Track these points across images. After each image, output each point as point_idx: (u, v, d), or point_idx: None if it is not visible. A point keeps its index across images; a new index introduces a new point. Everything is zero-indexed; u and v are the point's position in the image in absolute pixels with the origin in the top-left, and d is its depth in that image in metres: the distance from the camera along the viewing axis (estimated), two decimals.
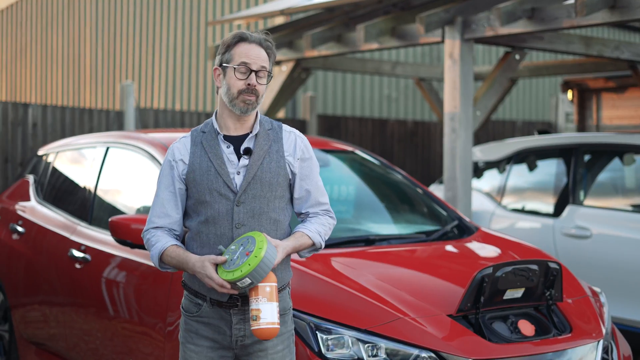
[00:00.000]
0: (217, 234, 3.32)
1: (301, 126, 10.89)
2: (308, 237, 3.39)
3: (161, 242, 3.37)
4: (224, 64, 3.34)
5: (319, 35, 8.23)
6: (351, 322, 3.93)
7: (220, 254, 3.24)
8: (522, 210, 7.58)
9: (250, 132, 3.39)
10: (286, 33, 8.88)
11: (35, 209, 6.22)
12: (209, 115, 10.19)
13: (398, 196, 5.87)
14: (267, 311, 3.14)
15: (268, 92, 9.30)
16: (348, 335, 3.89)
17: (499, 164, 7.91)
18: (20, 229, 6.19)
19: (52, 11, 16.95)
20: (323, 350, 3.86)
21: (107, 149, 5.72)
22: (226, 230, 3.31)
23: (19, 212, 6.36)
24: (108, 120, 9.31)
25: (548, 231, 7.13)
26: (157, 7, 14.26)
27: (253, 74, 3.29)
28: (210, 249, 3.34)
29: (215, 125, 3.39)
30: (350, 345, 3.88)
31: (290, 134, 3.46)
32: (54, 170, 6.37)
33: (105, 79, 15.40)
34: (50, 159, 6.50)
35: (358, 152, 5.99)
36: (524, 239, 7.19)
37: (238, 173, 3.33)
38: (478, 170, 8.13)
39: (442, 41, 7.35)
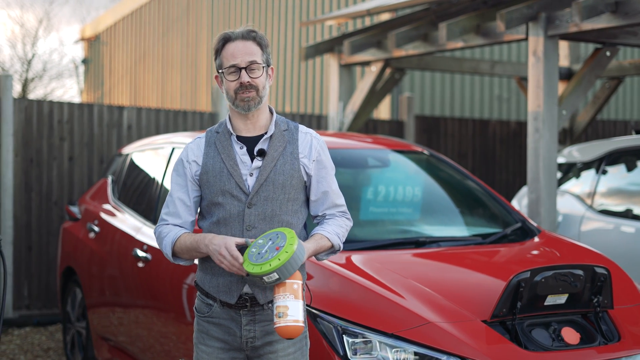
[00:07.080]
0: (227, 236, 3.29)
1: (399, 127, 10.76)
2: (327, 239, 3.34)
3: (173, 232, 3.36)
4: (219, 70, 3.33)
5: (404, 34, 8.10)
6: (379, 325, 3.82)
7: (247, 246, 3.19)
8: (613, 213, 7.23)
9: (265, 133, 3.35)
10: (374, 33, 8.78)
11: (109, 209, 6.35)
12: (298, 116, 10.17)
13: (462, 197, 5.69)
14: (294, 308, 3.08)
15: (358, 92, 9.21)
16: (376, 339, 3.79)
17: (592, 165, 7.58)
18: (96, 228, 6.34)
19: (171, 16, 17.35)
20: (349, 354, 3.77)
21: (173, 149, 5.78)
22: (237, 232, 3.27)
23: (95, 211, 6.52)
24: (202, 122, 9.43)
25: (639, 236, 6.79)
26: (267, 9, 14.39)
27: (243, 71, 3.25)
28: None
29: (229, 126, 3.36)
30: (378, 349, 3.78)
31: (306, 135, 3.40)
32: (128, 170, 6.50)
33: None
34: (125, 159, 6.64)
35: (426, 152, 5.86)
36: (612, 244, 6.89)
37: (251, 175, 3.29)
38: (575, 171, 7.82)
39: (526, 38, 7.09)
